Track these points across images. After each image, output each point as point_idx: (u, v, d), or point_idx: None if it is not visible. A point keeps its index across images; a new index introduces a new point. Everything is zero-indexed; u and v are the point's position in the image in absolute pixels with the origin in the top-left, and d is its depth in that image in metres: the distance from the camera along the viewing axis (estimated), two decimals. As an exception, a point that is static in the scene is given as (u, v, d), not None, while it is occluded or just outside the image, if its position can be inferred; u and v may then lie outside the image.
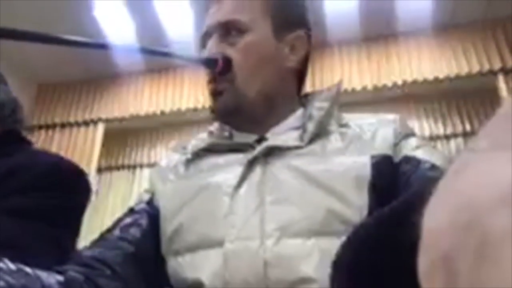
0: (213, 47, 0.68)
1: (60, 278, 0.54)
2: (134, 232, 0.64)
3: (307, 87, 0.77)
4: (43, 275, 0.51)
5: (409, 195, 0.29)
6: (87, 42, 0.60)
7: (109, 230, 0.65)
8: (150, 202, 0.69)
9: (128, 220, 0.66)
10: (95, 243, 0.64)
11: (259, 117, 0.69)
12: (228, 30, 0.68)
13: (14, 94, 0.97)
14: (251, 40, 0.68)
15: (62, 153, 3.75)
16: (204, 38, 0.72)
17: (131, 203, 0.72)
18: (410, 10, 3.23)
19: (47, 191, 0.83)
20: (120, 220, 0.67)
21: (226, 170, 0.64)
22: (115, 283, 0.58)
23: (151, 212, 0.67)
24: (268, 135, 0.68)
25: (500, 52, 3.21)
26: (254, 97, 0.67)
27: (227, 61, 0.67)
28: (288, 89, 0.73)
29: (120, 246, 0.62)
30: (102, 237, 0.64)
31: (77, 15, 3.22)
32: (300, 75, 0.75)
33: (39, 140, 3.88)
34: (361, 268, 0.30)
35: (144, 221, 0.66)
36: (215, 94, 0.68)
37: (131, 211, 0.69)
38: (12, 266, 0.48)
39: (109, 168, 4.37)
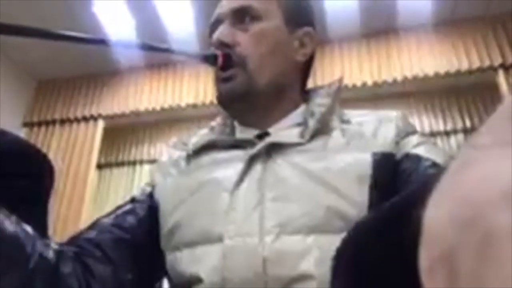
0: (224, 30, 0.68)
1: (55, 246, 0.55)
2: (130, 219, 0.65)
3: (308, 83, 0.77)
4: (39, 240, 0.52)
5: (410, 191, 0.29)
6: (87, 38, 0.60)
7: (107, 215, 0.66)
8: (150, 195, 0.70)
9: (126, 207, 0.67)
10: (90, 226, 0.64)
11: (265, 107, 0.69)
12: (242, 16, 0.68)
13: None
14: (265, 27, 0.68)
15: (62, 150, 3.77)
16: (213, 27, 0.71)
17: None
18: (410, 6, 3.22)
19: None
20: (119, 207, 0.68)
21: (227, 166, 0.64)
22: (104, 266, 0.59)
23: (151, 205, 0.68)
24: (270, 130, 0.68)
25: (501, 48, 3.20)
26: (265, 86, 0.67)
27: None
28: (295, 83, 0.73)
29: (114, 231, 0.62)
30: (98, 221, 0.65)
31: (77, 11, 3.21)
32: (305, 71, 0.75)
33: (38, 137, 3.88)
34: (362, 264, 0.30)
35: (142, 211, 0.67)
36: (225, 79, 0.67)
37: (132, 200, 0.69)
38: (14, 219, 0.49)
39: (109, 165, 4.38)
